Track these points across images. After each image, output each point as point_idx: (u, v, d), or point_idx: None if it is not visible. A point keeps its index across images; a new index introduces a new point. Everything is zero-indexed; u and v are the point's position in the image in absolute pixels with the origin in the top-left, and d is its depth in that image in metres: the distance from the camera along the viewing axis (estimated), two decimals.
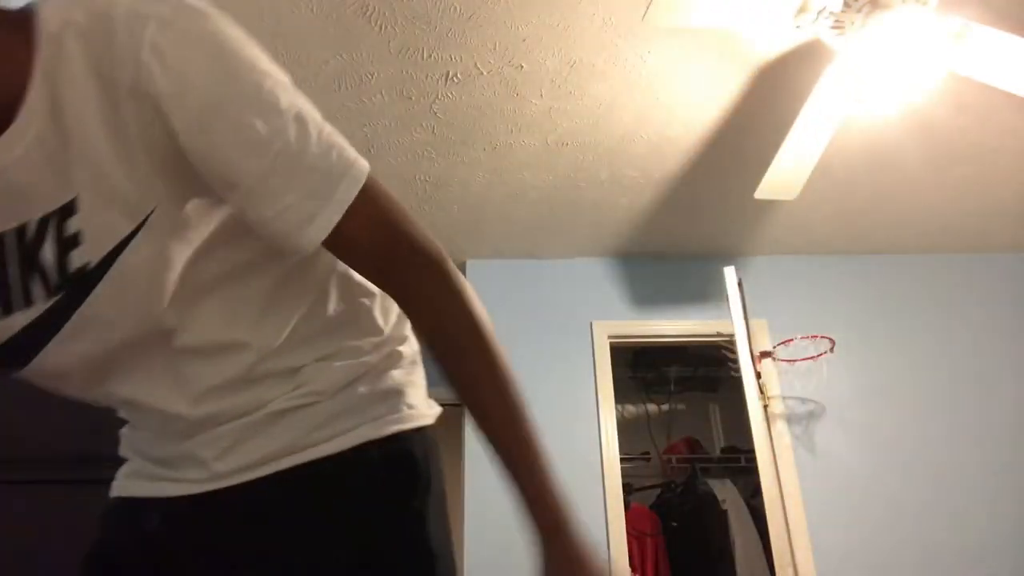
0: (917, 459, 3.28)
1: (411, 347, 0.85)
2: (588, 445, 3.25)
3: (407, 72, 2.38)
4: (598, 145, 2.82)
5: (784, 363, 3.36)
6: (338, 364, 0.76)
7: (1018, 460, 3.29)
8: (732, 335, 2.89)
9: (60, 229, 0.58)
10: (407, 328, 0.85)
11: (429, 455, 0.79)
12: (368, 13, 2.13)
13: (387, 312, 0.83)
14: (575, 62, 2.38)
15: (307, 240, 0.63)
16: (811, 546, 3.05)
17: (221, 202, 0.64)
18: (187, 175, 0.60)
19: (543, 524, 0.68)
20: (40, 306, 0.61)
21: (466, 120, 2.64)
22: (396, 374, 0.80)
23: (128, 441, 0.84)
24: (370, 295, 0.81)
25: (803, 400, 3.36)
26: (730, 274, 2.95)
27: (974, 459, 3.29)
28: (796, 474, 3.20)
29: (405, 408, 0.79)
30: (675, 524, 3.79)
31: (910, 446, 3.31)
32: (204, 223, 0.64)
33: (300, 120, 0.62)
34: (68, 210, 0.58)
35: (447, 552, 0.76)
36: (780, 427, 3.27)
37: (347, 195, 0.64)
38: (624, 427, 3.70)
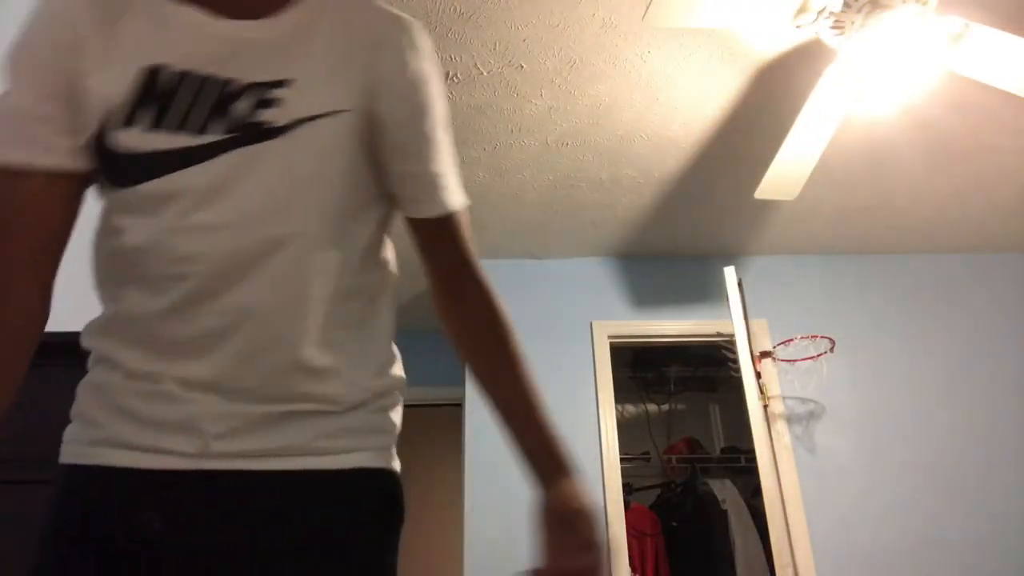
0: (917, 459, 3.28)
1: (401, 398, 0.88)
2: (588, 445, 3.25)
3: None
4: (598, 145, 2.82)
5: (784, 363, 3.36)
6: (354, 378, 0.77)
7: (1019, 459, 3.29)
8: (732, 335, 2.89)
9: (263, 94, 0.71)
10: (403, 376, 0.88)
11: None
12: None
13: (395, 357, 0.85)
14: (575, 62, 2.38)
15: (445, 204, 0.81)
16: (811, 546, 3.05)
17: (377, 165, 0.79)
18: (374, 123, 0.77)
19: (556, 465, 0.79)
20: (207, 138, 0.69)
21: (466, 120, 2.64)
22: (392, 414, 0.82)
23: (103, 395, 0.72)
24: (391, 333, 0.85)
25: (803, 400, 3.36)
26: (730, 274, 2.95)
27: (974, 458, 3.29)
28: (796, 474, 3.20)
29: (393, 449, 0.82)
30: (675, 524, 3.79)
31: (910, 446, 3.31)
32: (365, 168, 0.77)
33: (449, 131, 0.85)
34: (279, 84, 0.71)
35: None
36: (780, 427, 3.27)
37: (463, 199, 0.84)
38: (624, 427, 3.70)
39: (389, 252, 0.86)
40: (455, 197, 0.82)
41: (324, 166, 0.73)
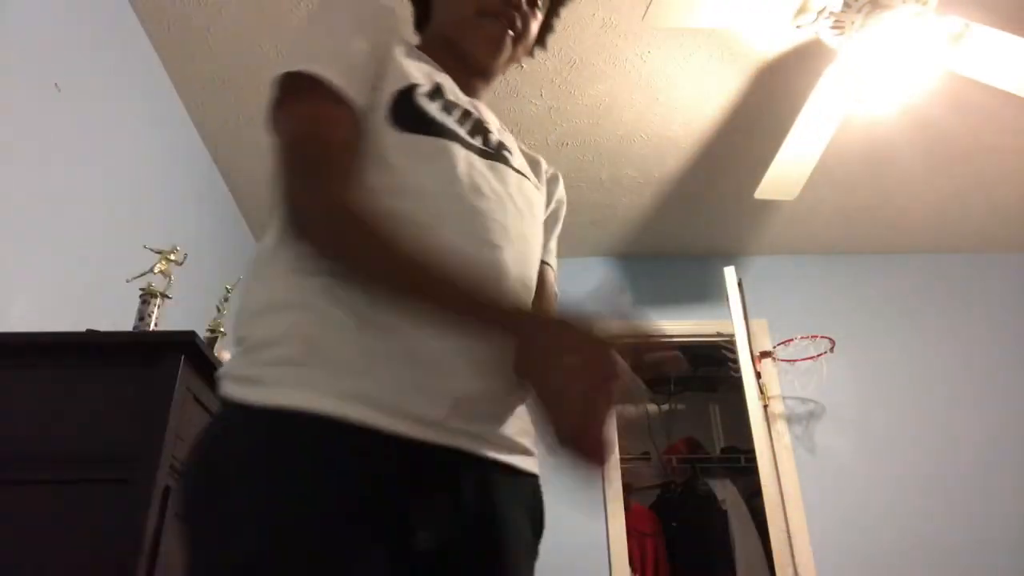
0: (917, 458, 3.28)
1: None
2: None
3: None
4: (598, 145, 2.82)
5: (784, 363, 3.36)
6: None
7: (1018, 459, 3.29)
8: (732, 335, 2.89)
9: (501, 145, 0.91)
10: None
11: None
12: None
13: None
14: (575, 62, 2.38)
15: (553, 264, 1.12)
16: (811, 546, 3.05)
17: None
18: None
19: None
20: (475, 139, 0.87)
21: None
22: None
23: (336, 345, 0.68)
24: None
25: (803, 400, 3.36)
26: (730, 274, 2.95)
27: (975, 458, 3.29)
28: (796, 474, 3.20)
29: None
30: (675, 524, 3.79)
31: (910, 446, 3.31)
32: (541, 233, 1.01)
33: None
34: (507, 148, 0.92)
35: None
36: (780, 427, 3.27)
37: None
38: (624, 427, 3.70)
39: None
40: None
41: (539, 203, 0.97)
